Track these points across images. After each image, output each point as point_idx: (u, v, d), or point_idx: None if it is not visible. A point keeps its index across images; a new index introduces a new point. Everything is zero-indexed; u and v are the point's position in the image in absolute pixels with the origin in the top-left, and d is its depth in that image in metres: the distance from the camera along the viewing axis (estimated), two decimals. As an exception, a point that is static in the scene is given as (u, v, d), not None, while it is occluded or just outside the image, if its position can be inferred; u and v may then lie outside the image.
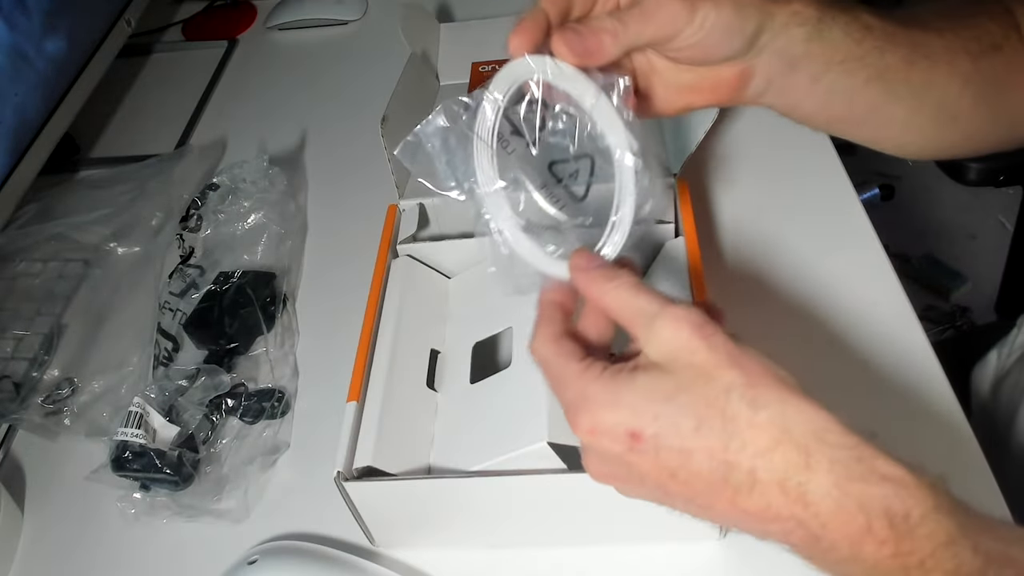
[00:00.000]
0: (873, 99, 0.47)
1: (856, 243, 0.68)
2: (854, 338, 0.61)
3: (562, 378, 0.37)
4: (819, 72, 0.45)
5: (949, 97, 0.48)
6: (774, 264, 0.67)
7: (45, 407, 0.65)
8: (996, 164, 1.02)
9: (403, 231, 0.64)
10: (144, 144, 0.93)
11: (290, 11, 1.08)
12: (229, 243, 0.73)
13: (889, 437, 0.58)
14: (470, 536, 0.53)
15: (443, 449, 0.54)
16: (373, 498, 0.50)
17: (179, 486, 0.57)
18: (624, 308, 0.37)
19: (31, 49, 0.77)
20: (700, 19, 0.41)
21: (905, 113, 0.48)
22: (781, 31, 0.43)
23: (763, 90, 0.46)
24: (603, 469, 0.37)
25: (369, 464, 0.50)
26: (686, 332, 0.34)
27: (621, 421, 0.34)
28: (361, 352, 0.56)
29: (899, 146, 0.51)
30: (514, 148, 0.41)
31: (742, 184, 0.75)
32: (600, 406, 0.35)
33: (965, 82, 0.48)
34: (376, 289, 0.60)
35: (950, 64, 0.47)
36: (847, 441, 0.32)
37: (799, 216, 0.71)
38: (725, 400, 0.33)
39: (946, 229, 1.76)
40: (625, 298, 0.37)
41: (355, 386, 0.53)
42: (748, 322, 0.52)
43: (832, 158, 0.76)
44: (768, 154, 0.77)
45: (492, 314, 0.59)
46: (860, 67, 0.45)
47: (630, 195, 0.40)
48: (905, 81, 0.47)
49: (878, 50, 0.45)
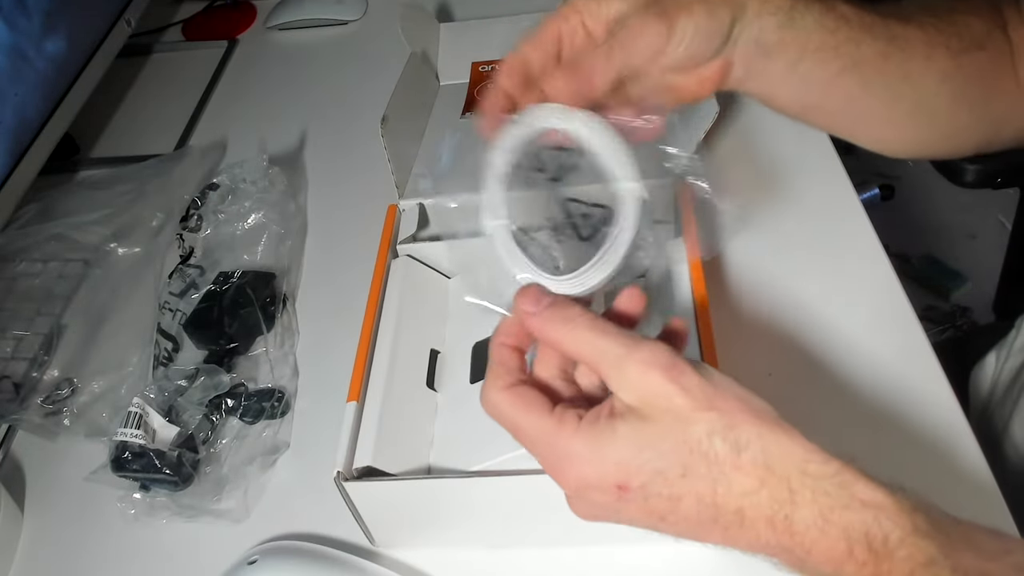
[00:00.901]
0: (848, 90, 0.47)
1: (856, 243, 0.68)
2: (854, 338, 0.61)
3: (531, 432, 0.36)
4: (794, 60, 0.45)
5: (926, 92, 0.48)
6: (773, 264, 0.67)
7: (45, 407, 0.65)
8: (993, 166, 1.02)
9: (403, 231, 0.64)
10: (144, 144, 0.93)
11: (290, 11, 1.08)
12: (229, 243, 0.73)
13: (888, 438, 0.58)
14: (470, 536, 0.53)
15: (443, 449, 0.53)
16: (373, 498, 0.50)
17: (179, 486, 0.57)
18: (586, 351, 0.36)
19: (31, 49, 0.77)
20: (679, 33, 0.42)
21: (881, 107, 0.48)
22: (754, 19, 0.44)
23: (743, 77, 0.46)
24: (592, 512, 0.37)
25: (369, 464, 0.50)
26: (657, 377, 0.34)
27: (608, 475, 0.34)
28: (361, 352, 0.56)
29: (878, 141, 0.51)
30: (534, 180, 0.41)
31: (742, 184, 0.74)
32: (585, 462, 0.35)
33: (944, 77, 0.47)
34: (376, 289, 0.60)
35: (928, 58, 0.47)
36: (828, 470, 0.33)
37: (799, 216, 0.71)
38: (708, 444, 0.33)
39: (946, 229, 1.76)
40: (586, 340, 0.36)
41: (355, 386, 0.53)
42: (747, 323, 0.52)
43: (832, 158, 0.75)
44: (768, 154, 0.77)
45: (492, 314, 0.59)
46: (834, 56, 0.45)
47: (627, 231, 0.39)
48: (880, 73, 0.47)
49: (853, 41, 0.45)
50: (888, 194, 1.70)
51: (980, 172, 1.01)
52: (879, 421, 0.56)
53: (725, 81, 0.46)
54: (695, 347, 0.52)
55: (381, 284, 0.60)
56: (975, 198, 1.75)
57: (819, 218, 0.70)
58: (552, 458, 0.36)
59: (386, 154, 0.63)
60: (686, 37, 0.42)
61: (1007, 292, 1.14)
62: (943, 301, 1.64)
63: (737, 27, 0.43)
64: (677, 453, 0.33)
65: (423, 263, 0.63)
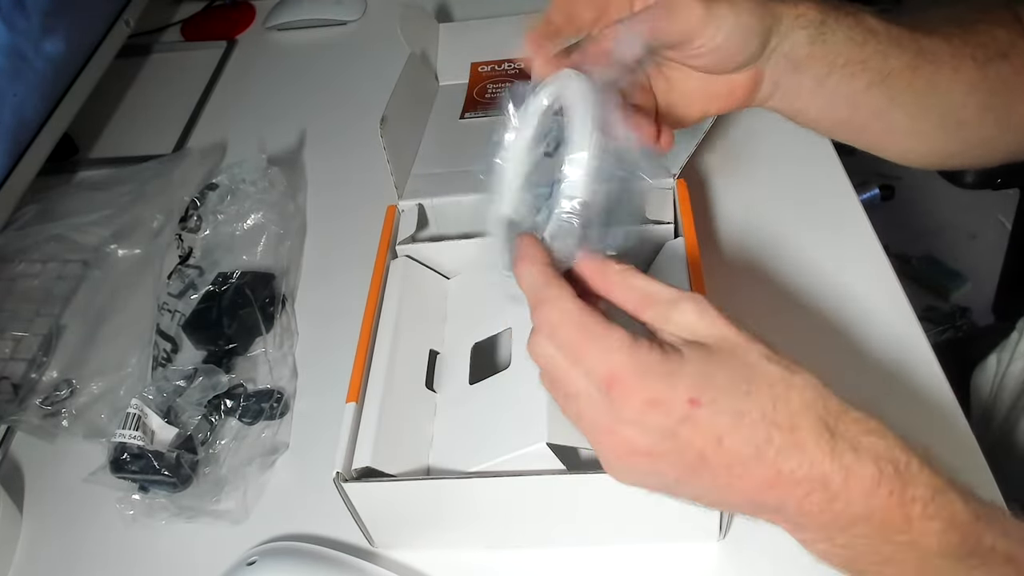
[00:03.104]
0: (876, 104, 0.47)
1: (856, 243, 0.68)
2: (854, 339, 0.61)
3: (610, 343, 0.35)
4: (822, 75, 0.45)
5: (954, 103, 0.48)
6: (774, 265, 0.67)
7: (44, 408, 0.65)
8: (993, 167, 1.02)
9: (402, 232, 0.64)
10: (143, 145, 0.93)
11: (289, 11, 1.08)
12: (228, 244, 0.73)
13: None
14: (470, 536, 0.53)
15: (442, 450, 0.53)
16: (372, 499, 0.50)
17: (177, 487, 0.57)
18: (635, 293, 0.38)
19: (30, 49, 0.76)
20: (717, 21, 0.41)
21: (908, 119, 0.48)
22: (788, 33, 0.43)
23: (770, 93, 0.46)
24: (642, 442, 0.35)
25: (368, 465, 0.50)
26: (712, 314, 0.36)
27: (680, 388, 0.34)
28: (360, 353, 0.55)
29: (903, 152, 0.51)
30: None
31: (741, 185, 0.74)
32: (660, 377, 0.35)
33: (970, 89, 0.47)
34: (375, 290, 0.60)
35: (955, 70, 0.47)
36: (860, 413, 0.35)
37: (799, 217, 0.71)
38: (765, 366, 0.35)
39: (946, 229, 1.76)
40: (637, 285, 0.38)
41: (354, 387, 0.53)
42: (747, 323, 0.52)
43: (832, 158, 0.75)
44: (767, 155, 0.77)
45: (491, 315, 0.59)
46: (862, 70, 0.45)
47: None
48: (908, 86, 0.47)
49: (881, 54, 0.45)
50: (888, 194, 1.70)
51: (980, 173, 1.01)
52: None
53: (753, 96, 0.46)
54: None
55: (380, 285, 0.60)
56: (975, 198, 1.75)
57: (819, 218, 0.70)
58: (621, 373, 0.35)
59: (385, 155, 0.63)
60: (723, 28, 0.41)
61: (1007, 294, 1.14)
62: (943, 301, 1.64)
63: (774, 39, 0.43)
64: (742, 371, 0.35)
65: (422, 264, 0.63)
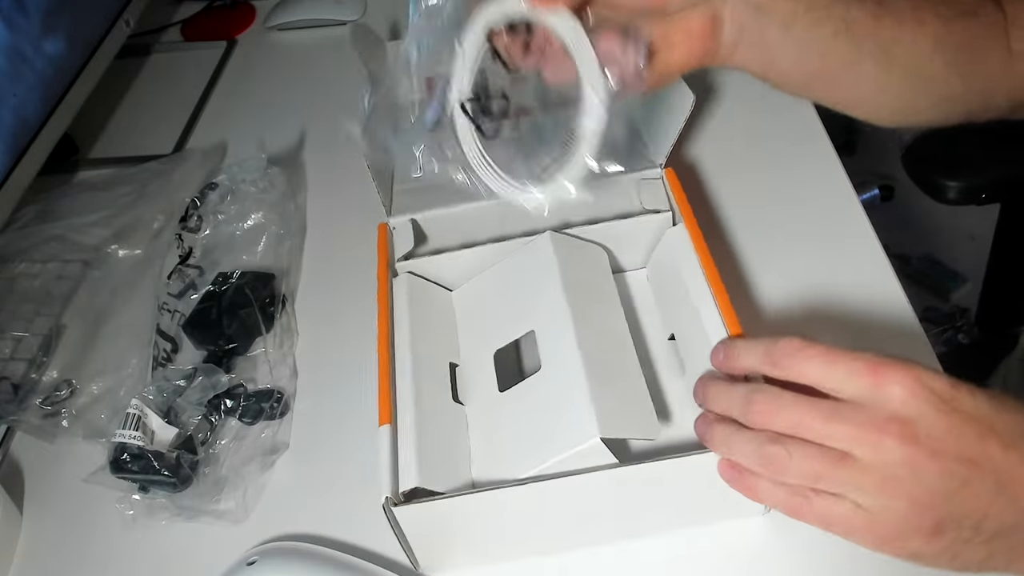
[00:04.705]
0: (845, 53, 0.47)
1: (856, 244, 0.68)
2: (854, 339, 0.61)
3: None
4: (787, 21, 0.45)
5: (920, 57, 0.48)
6: (773, 265, 0.67)
7: (43, 409, 0.65)
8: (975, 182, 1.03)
9: (399, 248, 0.63)
10: (143, 145, 0.93)
11: (289, 11, 1.08)
12: (228, 243, 0.73)
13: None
14: (519, 546, 0.52)
15: (484, 461, 0.52)
16: (423, 520, 0.48)
17: (177, 487, 0.57)
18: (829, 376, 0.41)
19: (30, 49, 0.76)
20: None
21: (876, 70, 0.48)
22: None
23: (736, 39, 0.46)
24: (916, 426, 0.38)
25: (415, 486, 0.48)
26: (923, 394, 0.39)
27: (974, 431, 0.37)
28: (383, 374, 0.54)
29: (875, 109, 0.51)
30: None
31: (740, 186, 0.74)
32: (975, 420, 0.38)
33: (936, 43, 0.48)
34: (384, 311, 0.58)
35: (919, 22, 0.47)
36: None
37: (799, 217, 0.71)
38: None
39: (946, 230, 1.76)
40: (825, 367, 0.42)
41: (384, 409, 0.51)
42: (747, 324, 0.52)
43: (832, 159, 0.75)
44: (767, 155, 0.77)
45: (504, 321, 0.58)
46: (826, 17, 0.46)
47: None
48: (872, 36, 0.47)
49: (843, 3, 0.46)
50: (888, 194, 1.71)
51: (964, 189, 1.03)
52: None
53: (716, 44, 0.46)
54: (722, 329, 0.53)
55: (388, 306, 0.59)
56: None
57: (819, 218, 0.70)
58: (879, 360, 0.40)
59: (371, 174, 0.62)
60: None
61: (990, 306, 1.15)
62: (943, 302, 1.64)
63: None
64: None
65: (424, 278, 0.62)
